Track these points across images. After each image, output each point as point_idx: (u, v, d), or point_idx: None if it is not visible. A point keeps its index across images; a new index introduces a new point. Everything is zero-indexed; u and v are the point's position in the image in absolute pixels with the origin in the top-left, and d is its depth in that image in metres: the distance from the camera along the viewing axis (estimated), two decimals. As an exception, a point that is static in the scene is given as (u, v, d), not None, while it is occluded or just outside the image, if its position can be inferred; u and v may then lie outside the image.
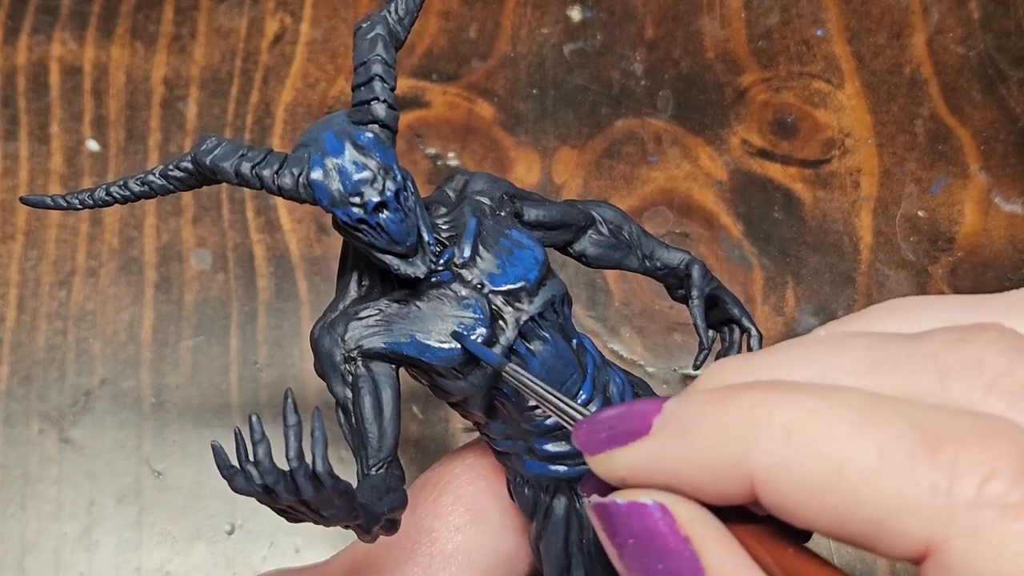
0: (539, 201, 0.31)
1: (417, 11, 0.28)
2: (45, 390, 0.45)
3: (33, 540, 0.42)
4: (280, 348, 0.45)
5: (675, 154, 0.49)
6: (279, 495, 0.24)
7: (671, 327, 0.46)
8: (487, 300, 0.28)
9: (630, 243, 0.32)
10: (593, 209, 0.32)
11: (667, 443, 0.21)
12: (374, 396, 0.28)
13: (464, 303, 0.28)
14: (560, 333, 0.28)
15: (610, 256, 0.32)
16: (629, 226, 0.32)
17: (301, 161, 0.26)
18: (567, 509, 0.29)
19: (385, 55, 0.26)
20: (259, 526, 0.43)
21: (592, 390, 0.29)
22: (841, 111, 0.49)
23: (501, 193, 0.30)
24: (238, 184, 0.27)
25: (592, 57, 0.51)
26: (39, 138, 0.49)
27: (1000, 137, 0.49)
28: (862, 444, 0.19)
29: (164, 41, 0.51)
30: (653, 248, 0.32)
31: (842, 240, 0.47)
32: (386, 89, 0.26)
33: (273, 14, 0.52)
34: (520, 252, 0.28)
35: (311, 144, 0.27)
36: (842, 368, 0.21)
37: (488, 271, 0.28)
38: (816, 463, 0.19)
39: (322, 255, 0.47)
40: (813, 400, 0.20)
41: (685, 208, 0.48)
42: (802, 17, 0.51)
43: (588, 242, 0.32)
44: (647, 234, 0.32)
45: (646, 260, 0.32)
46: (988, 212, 0.47)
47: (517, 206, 0.30)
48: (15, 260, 0.47)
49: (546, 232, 0.31)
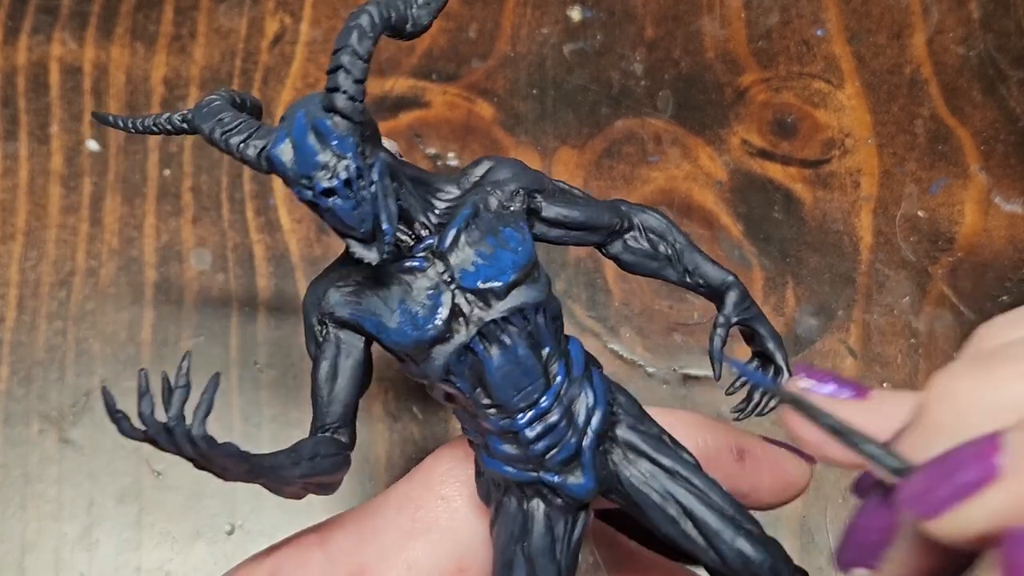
0: (568, 198, 0.30)
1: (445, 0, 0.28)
2: (45, 390, 0.45)
3: (33, 540, 0.42)
4: (280, 348, 0.45)
5: (675, 154, 0.49)
6: (162, 446, 0.25)
7: (671, 327, 0.46)
8: (452, 295, 0.28)
9: (669, 256, 0.31)
10: (637, 215, 0.31)
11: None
12: (332, 362, 0.29)
13: (428, 293, 0.28)
14: (526, 340, 0.28)
15: (646, 265, 0.31)
16: (674, 237, 0.31)
17: (268, 135, 0.27)
18: (516, 509, 0.29)
19: (357, 46, 0.26)
20: (259, 526, 0.43)
21: (553, 401, 0.28)
22: (841, 111, 0.49)
23: (518, 187, 0.29)
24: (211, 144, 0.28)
25: (592, 57, 0.51)
26: (39, 138, 0.49)
27: (1000, 137, 0.49)
28: None
29: (164, 41, 0.51)
30: (697, 263, 0.31)
31: (842, 240, 0.47)
32: (348, 80, 0.26)
33: (273, 14, 0.52)
34: (501, 252, 0.28)
35: (287, 119, 0.27)
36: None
37: (461, 267, 0.28)
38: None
39: (322, 255, 0.47)
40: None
41: (685, 208, 0.48)
42: (802, 17, 0.51)
43: (622, 247, 0.31)
44: (693, 247, 0.31)
45: (687, 274, 0.31)
46: (988, 212, 0.47)
47: (536, 201, 0.30)
48: (15, 260, 0.47)
49: (567, 231, 0.30)
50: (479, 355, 0.28)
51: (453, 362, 0.28)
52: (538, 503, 0.29)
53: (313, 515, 0.43)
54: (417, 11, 0.28)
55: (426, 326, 0.27)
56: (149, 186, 0.48)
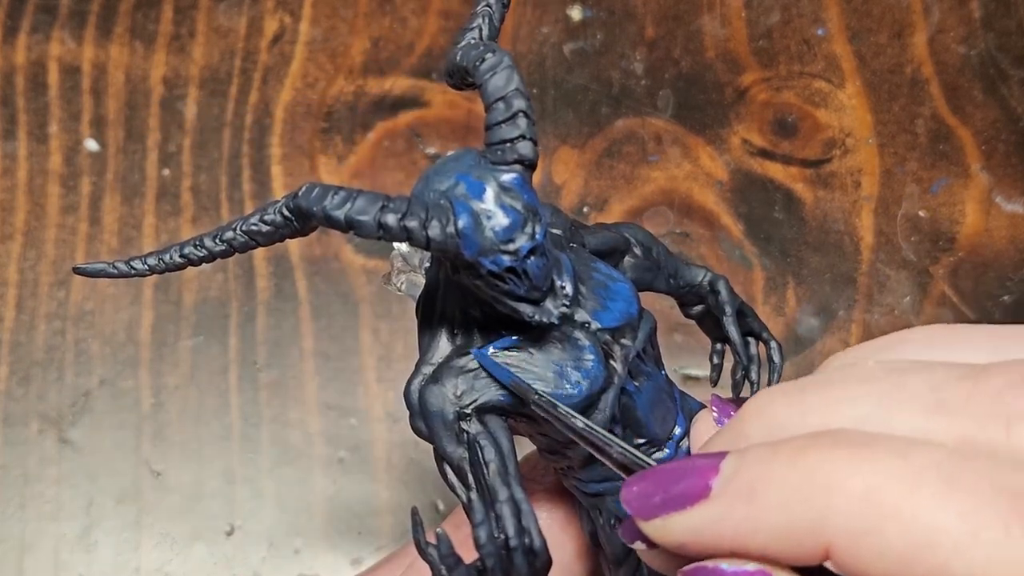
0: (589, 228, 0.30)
1: (498, 35, 0.27)
2: (44, 390, 0.45)
3: (32, 540, 0.42)
4: (279, 348, 0.45)
5: (675, 154, 0.49)
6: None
7: (671, 327, 0.45)
8: (596, 339, 0.26)
9: (659, 263, 0.31)
10: (626, 231, 0.30)
11: (732, 508, 0.19)
12: (497, 452, 0.26)
13: (577, 344, 0.26)
14: (657, 366, 0.27)
15: (644, 278, 0.31)
16: (656, 247, 0.31)
17: (445, 209, 0.24)
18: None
19: (523, 88, 0.24)
20: (258, 527, 0.42)
21: (685, 422, 0.28)
22: (842, 111, 0.49)
23: (569, 223, 0.28)
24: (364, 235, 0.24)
25: (592, 57, 0.51)
26: (38, 137, 0.49)
27: (1001, 137, 0.49)
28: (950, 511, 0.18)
29: (163, 40, 0.51)
30: (677, 267, 0.31)
31: (843, 240, 0.47)
32: (531, 126, 0.24)
33: (272, 13, 0.52)
34: (616, 286, 0.27)
35: (446, 189, 0.24)
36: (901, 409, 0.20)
37: (594, 309, 0.26)
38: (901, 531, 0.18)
39: (322, 255, 0.47)
40: (894, 460, 0.18)
41: (685, 208, 0.47)
42: (803, 16, 0.51)
43: (627, 266, 0.30)
44: (670, 253, 0.31)
45: (671, 279, 0.31)
46: (989, 212, 0.47)
47: (580, 236, 0.29)
48: (14, 260, 0.47)
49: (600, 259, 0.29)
50: (631, 393, 0.27)
51: (616, 407, 0.26)
52: None
53: (312, 516, 0.43)
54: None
55: (592, 377, 0.26)
56: (148, 186, 0.48)
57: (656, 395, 0.27)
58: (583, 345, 0.26)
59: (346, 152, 0.49)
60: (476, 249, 0.24)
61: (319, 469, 0.43)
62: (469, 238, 0.24)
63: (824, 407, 0.20)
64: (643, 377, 0.27)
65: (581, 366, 0.26)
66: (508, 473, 0.26)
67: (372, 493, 0.43)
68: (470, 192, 0.24)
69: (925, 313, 0.46)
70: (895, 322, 0.46)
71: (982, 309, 0.46)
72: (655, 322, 0.28)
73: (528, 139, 0.24)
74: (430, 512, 0.43)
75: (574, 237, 0.28)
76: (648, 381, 0.27)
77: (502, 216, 0.24)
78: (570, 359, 0.26)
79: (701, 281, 0.31)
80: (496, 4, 0.27)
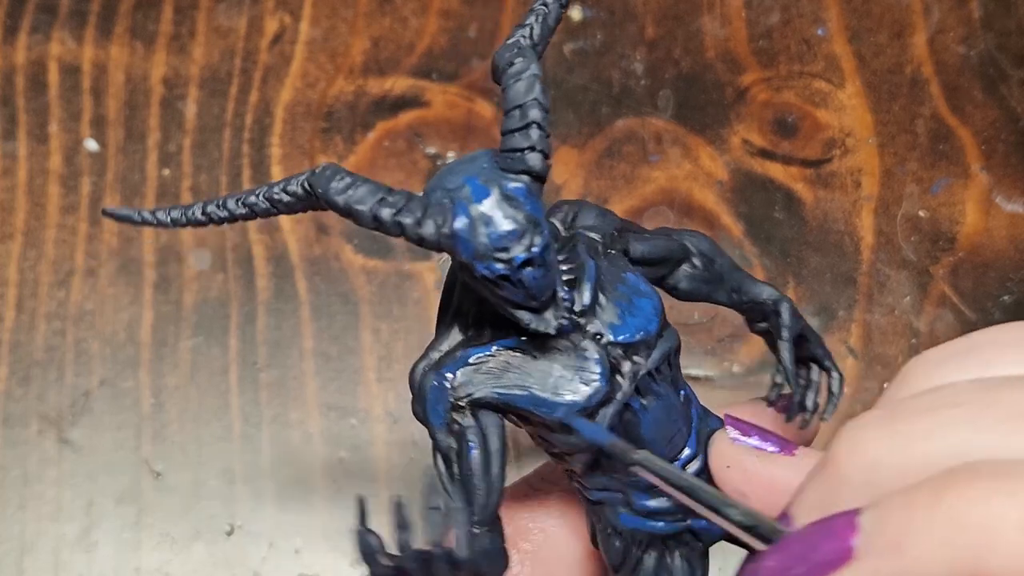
0: (642, 234, 0.29)
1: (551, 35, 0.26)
2: (44, 390, 0.45)
3: (32, 541, 0.42)
4: (279, 348, 0.45)
5: (676, 154, 0.49)
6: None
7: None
8: (606, 352, 0.26)
9: (720, 276, 0.30)
10: (687, 240, 0.30)
11: (881, 565, 0.18)
12: (483, 450, 0.26)
13: (583, 355, 0.26)
14: (672, 386, 0.27)
15: (700, 290, 0.30)
16: (720, 259, 0.30)
17: (444, 209, 0.24)
18: (657, 564, 0.28)
19: (542, 99, 0.24)
20: (258, 527, 0.42)
21: (696, 445, 0.27)
22: (842, 111, 0.49)
23: (612, 229, 0.28)
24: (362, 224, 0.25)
25: (592, 56, 0.51)
26: (38, 137, 0.49)
27: (1001, 137, 0.49)
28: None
29: (163, 40, 0.51)
30: (741, 281, 0.30)
31: (843, 240, 0.47)
32: (543, 139, 0.24)
33: (272, 13, 0.52)
34: (639, 300, 0.27)
35: (452, 189, 0.24)
36: (1009, 431, 0.19)
37: (609, 321, 0.26)
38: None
39: (322, 255, 0.47)
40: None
41: (686, 208, 0.47)
42: (803, 16, 0.51)
43: (682, 275, 0.30)
44: (736, 267, 0.30)
45: (733, 293, 0.30)
46: (989, 212, 0.47)
47: (625, 241, 0.28)
48: (14, 260, 0.47)
49: (648, 268, 0.29)
50: (636, 411, 0.26)
51: (615, 422, 0.26)
52: (678, 554, 0.28)
53: (313, 516, 0.43)
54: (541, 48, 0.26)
55: (591, 390, 0.26)
56: (148, 186, 0.48)
57: (665, 415, 0.27)
58: (589, 356, 0.26)
59: (346, 152, 0.49)
60: (471, 252, 0.24)
61: (319, 469, 0.43)
62: (464, 240, 0.24)
63: (923, 439, 0.20)
64: (652, 396, 0.27)
65: (583, 377, 0.26)
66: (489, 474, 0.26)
67: (372, 493, 0.43)
68: (473, 196, 0.24)
69: (925, 313, 0.46)
70: (895, 322, 0.46)
71: (982, 309, 0.46)
72: (678, 342, 0.27)
73: (538, 151, 0.24)
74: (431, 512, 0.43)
75: (616, 243, 0.28)
76: (658, 401, 0.27)
77: (499, 224, 0.24)
78: (572, 368, 0.26)
79: (765, 300, 0.30)
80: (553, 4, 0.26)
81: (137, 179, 0.48)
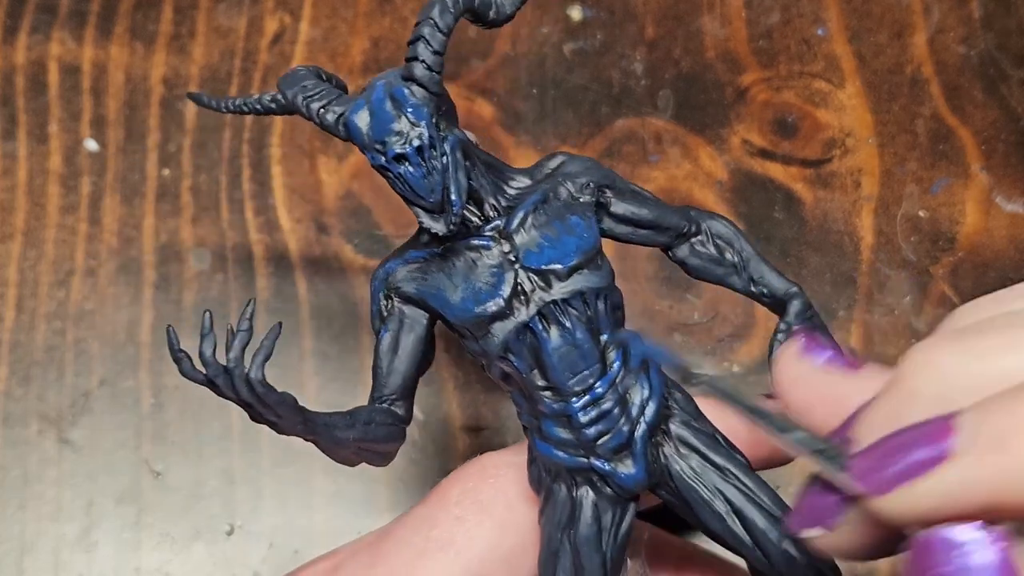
0: (638, 197, 0.31)
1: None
2: (44, 390, 0.45)
3: (32, 541, 0.42)
4: (279, 348, 0.45)
5: (675, 154, 0.49)
6: (220, 389, 0.27)
7: (671, 327, 0.46)
8: (515, 274, 0.28)
9: (735, 264, 0.31)
10: (705, 220, 0.31)
11: (983, 461, 0.19)
12: (395, 335, 0.30)
13: (492, 271, 0.28)
14: (585, 325, 0.29)
15: (711, 271, 0.32)
16: (741, 245, 0.32)
17: (348, 102, 0.28)
18: (565, 496, 0.29)
19: (439, 19, 0.28)
20: (258, 527, 0.43)
21: (608, 387, 0.28)
22: (842, 111, 0.49)
23: (589, 180, 0.30)
24: (294, 111, 0.29)
25: (592, 56, 0.51)
26: (38, 137, 0.49)
27: (1001, 137, 0.49)
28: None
29: (163, 40, 0.51)
30: (763, 272, 0.32)
31: (843, 240, 0.47)
32: (427, 51, 0.28)
33: (272, 13, 0.52)
34: (567, 238, 0.29)
35: (368, 88, 0.28)
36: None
37: (526, 247, 0.29)
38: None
39: (322, 255, 0.47)
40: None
41: (685, 208, 0.48)
42: (803, 16, 0.51)
43: (688, 250, 0.31)
44: (760, 257, 0.32)
45: (751, 283, 0.32)
46: (989, 212, 0.47)
47: (607, 196, 0.30)
48: (14, 260, 0.47)
49: (635, 229, 0.31)
50: (537, 335, 0.28)
51: (512, 340, 0.28)
52: (587, 491, 0.29)
53: (313, 515, 0.43)
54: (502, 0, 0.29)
55: (487, 302, 0.28)
56: (148, 186, 0.48)
57: (568, 349, 0.28)
58: (497, 272, 0.28)
59: (346, 152, 0.49)
60: (360, 142, 0.28)
61: (319, 469, 0.43)
62: (355, 130, 0.28)
63: (998, 354, 0.20)
64: (557, 327, 0.28)
65: (485, 288, 0.28)
66: (395, 356, 0.30)
67: (372, 493, 0.43)
68: (373, 94, 0.28)
69: (925, 313, 0.46)
70: (895, 322, 0.46)
71: (982, 309, 0.46)
72: (601, 287, 0.29)
73: (420, 62, 0.28)
74: (430, 512, 0.43)
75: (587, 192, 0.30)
76: (562, 333, 0.28)
77: (381, 120, 0.27)
78: (481, 280, 0.29)
79: (782, 295, 0.32)
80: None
81: (137, 179, 0.48)
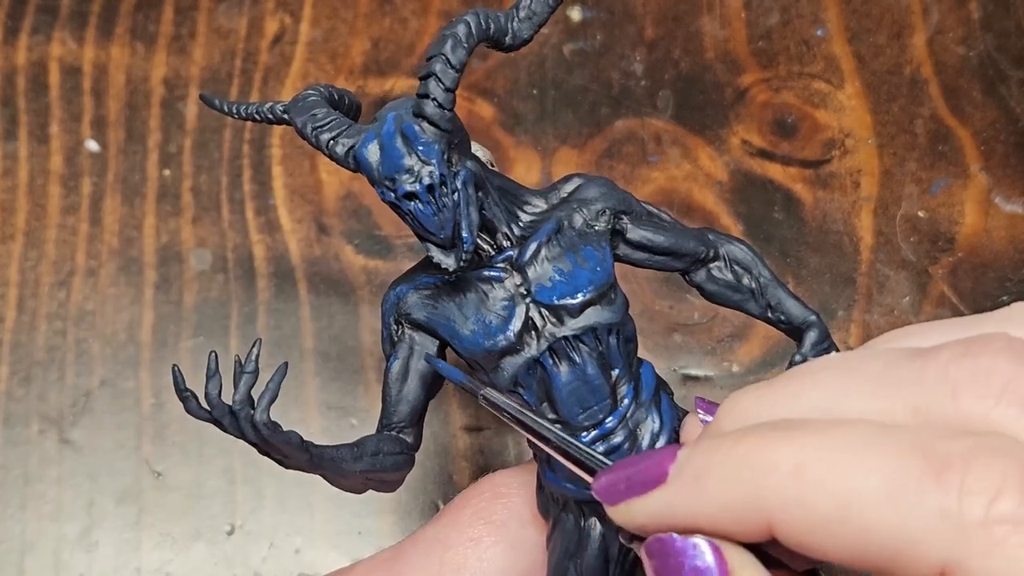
0: (655, 222, 0.30)
1: (548, 14, 0.28)
2: (45, 390, 0.45)
3: (33, 541, 0.42)
4: (280, 348, 0.45)
5: (675, 154, 0.49)
6: (226, 428, 0.26)
7: (671, 327, 0.46)
8: (526, 308, 0.28)
9: (752, 290, 0.31)
10: (724, 245, 0.31)
11: (683, 490, 0.22)
12: (404, 362, 0.30)
13: (503, 304, 0.28)
14: (596, 360, 0.28)
15: (728, 296, 0.31)
16: (759, 271, 0.31)
17: (358, 133, 0.28)
18: (573, 525, 0.29)
19: (451, 55, 0.27)
20: (259, 527, 0.43)
21: (618, 423, 0.28)
22: (841, 111, 0.49)
23: (605, 207, 0.30)
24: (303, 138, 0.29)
25: (592, 57, 0.51)
26: (39, 138, 0.49)
27: (1000, 137, 0.49)
28: (867, 476, 0.20)
29: (164, 41, 0.51)
30: (780, 299, 0.31)
31: (842, 240, 0.47)
32: (439, 88, 0.27)
33: (273, 14, 0.52)
34: (579, 271, 0.28)
35: (378, 119, 0.28)
36: (853, 392, 0.22)
37: (538, 281, 0.28)
38: (825, 499, 0.20)
39: (322, 255, 0.47)
40: (816, 438, 0.20)
41: (685, 208, 0.48)
42: (802, 17, 0.51)
43: (706, 276, 0.31)
44: (777, 282, 0.31)
45: (769, 309, 0.31)
46: (988, 212, 0.47)
47: (623, 223, 0.30)
48: (15, 260, 0.47)
49: (651, 255, 0.30)
50: (548, 370, 0.28)
51: (522, 374, 0.28)
52: (595, 522, 0.29)
53: (313, 517, 0.43)
54: (518, 24, 0.28)
55: (497, 336, 0.28)
56: (149, 186, 0.48)
57: (578, 385, 0.28)
58: (506, 306, 0.28)
59: (346, 152, 0.49)
60: (369, 176, 0.27)
61: (319, 469, 0.43)
62: (365, 164, 0.27)
63: (786, 399, 0.23)
64: (567, 363, 0.28)
65: (496, 322, 0.28)
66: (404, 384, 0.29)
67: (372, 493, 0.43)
68: (384, 127, 0.27)
69: (924, 313, 0.46)
70: (895, 322, 0.46)
71: (981, 309, 0.46)
72: (612, 323, 0.28)
73: (431, 99, 0.27)
74: (431, 511, 0.43)
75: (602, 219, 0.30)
76: (572, 369, 0.28)
77: (391, 156, 0.27)
78: (493, 313, 0.28)
79: (799, 323, 0.31)
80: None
81: (138, 179, 0.48)
